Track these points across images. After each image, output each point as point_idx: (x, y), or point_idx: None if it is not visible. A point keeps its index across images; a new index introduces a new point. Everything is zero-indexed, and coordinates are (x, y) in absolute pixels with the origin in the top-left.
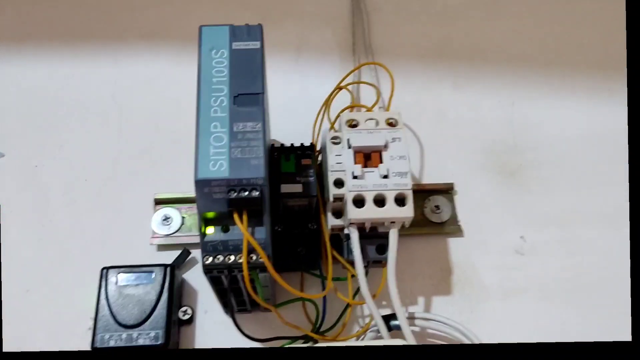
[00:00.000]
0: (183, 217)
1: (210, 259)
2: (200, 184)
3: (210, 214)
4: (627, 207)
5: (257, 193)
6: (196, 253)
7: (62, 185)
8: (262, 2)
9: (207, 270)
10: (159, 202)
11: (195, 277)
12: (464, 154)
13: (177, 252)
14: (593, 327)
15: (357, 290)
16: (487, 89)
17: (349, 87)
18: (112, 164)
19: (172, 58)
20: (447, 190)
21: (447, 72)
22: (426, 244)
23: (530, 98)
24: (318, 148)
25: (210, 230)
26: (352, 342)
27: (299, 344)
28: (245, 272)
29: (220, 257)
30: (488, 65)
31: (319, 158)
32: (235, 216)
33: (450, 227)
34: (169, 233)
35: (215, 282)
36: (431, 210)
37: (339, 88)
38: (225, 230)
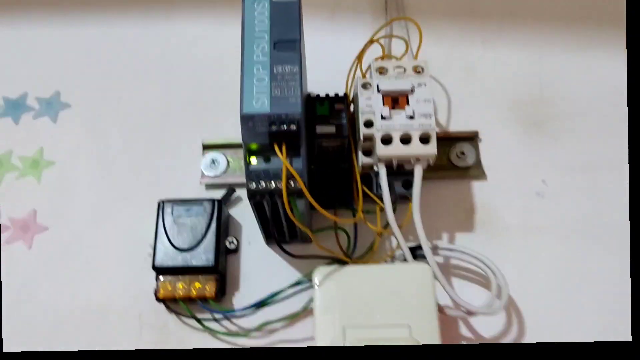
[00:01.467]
0: (228, 161)
1: (254, 184)
2: (245, 118)
3: (254, 146)
4: None
5: (295, 127)
6: (240, 192)
7: (121, 133)
8: None
9: (251, 195)
10: (206, 147)
11: (240, 213)
12: (490, 105)
13: (223, 191)
14: (610, 265)
15: (387, 225)
16: (515, 45)
17: (381, 40)
18: (164, 114)
19: (216, 19)
20: (472, 138)
21: (477, 29)
22: (452, 187)
23: (558, 53)
24: (351, 97)
25: (254, 160)
26: (382, 266)
27: (333, 266)
28: (285, 196)
29: (263, 184)
30: (517, 23)
31: (352, 107)
32: (276, 147)
33: (475, 171)
34: (216, 174)
35: (258, 209)
36: (456, 156)
37: (371, 41)
38: (267, 160)
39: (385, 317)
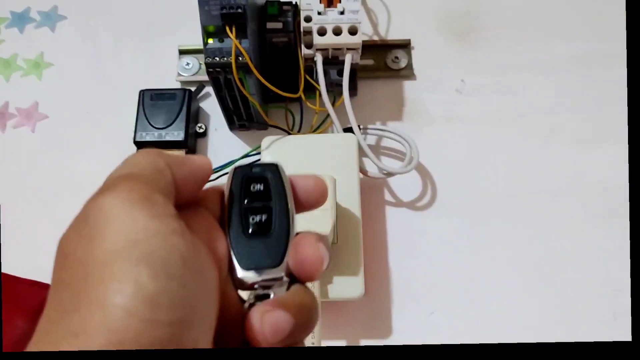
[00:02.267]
0: (200, 64)
1: (210, 59)
2: (202, 2)
3: (211, 28)
4: (562, 57)
5: (241, 10)
6: (208, 89)
7: (109, 40)
8: None
9: (209, 67)
10: (182, 52)
11: (208, 106)
12: (423, 18)
13: (195, 87)
14: (521, 148)
15: (324, 109)
16: None
17: None
18: (148, 24)
19: None
20: (405, 45)
21: None
22: (387, 85)
23: None
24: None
25: (210, 41)
26: (316, 135)
27: (277, 136)
28: (234, 69)
29: (217, 59)
30: None
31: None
32: (227, 28)
33: (406, 72)
34: (190, 75)
35: (216, 85)
36: (392, 60)
37: None
38: (221, 41)
39: (315, 172)
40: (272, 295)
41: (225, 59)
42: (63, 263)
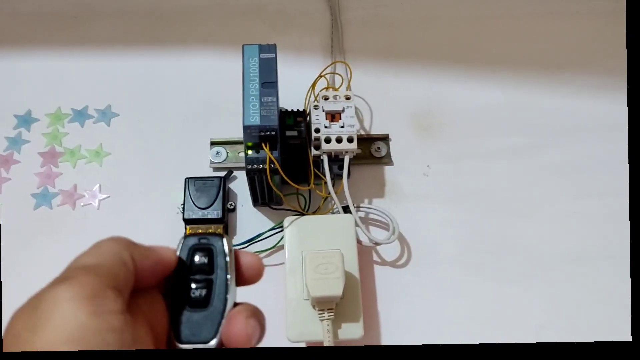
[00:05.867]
0: (227, 152)
1: (250, 166)
2: (246, 127)
3: (250, 144)
4: (501, 148)
5: (274, 133)
6: (236, 173)
7: (155, 134)
8: (272, 18)
9: (248, 172)
10: (213, 143)
11: (235, 186)
12: (397, 116)
13: (225, 172)
14: (473, 220)
15: (329, 193)
16: (417, 77)
17: (326, 76)
18: (185, 121)
19: (219, 55)
20: (384, 138)
21: (391, 66)
22: (371, 170)
23: (443, 82)
24: (308, 111)
25: (250, 152)
26: (324, 216)
27: (295, 217)
28: (268, 172)
29: (255, 166)
30: (417, 62)
31: (308, 117)
32: (263, 145)
33: (386, 159)
34: (220, 161)
35: (251, 182)
36: (375, 150)
37: (319, 76)
38: (257, 152)
39: (325, 245)
40: None
41: (261, 165)
42: (9, 342)
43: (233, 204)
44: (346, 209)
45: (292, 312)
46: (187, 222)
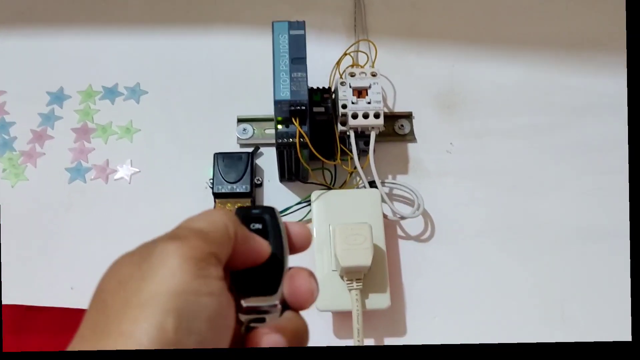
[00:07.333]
0: (254, 129)
1: (281, 140)
2: (277, 102)
3: (280, 118)
4: (522, 126)
5: (304, 107)
6: (262, 149)
7: (183, 111)
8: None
9: (278, 146)
10: (240, 120)
11: (262, 162)
12: (421, 95)
13: (251, 148)
14: (494, 196)
15: (355, 167)
16: (439, 56)
17: (351, 53)
18: (214, 100)
19: (246, 34)
20: (408, 116)
21: (414, 45)
22: (395, 147)
23: (466, 61)
24: (333, 89)
25: (280, 126)
26: (351, 190)
27: (322, 190)
28: (297, 146)
29: (285, 140)
30: (440, 41)
31: (333, 95)
32: (293, 119)
33: (409, 137)
34: (246, 138)
35: (280, 156)
36: (398, 127)
37: (344, 54)
38: (287, 127)
39: (352, 218)
40: (267, 320)
41: (291, 140)
42: (113, 286)
43: (260, 179)
44: (372, 184)
45: (321, 282)
46: (217, 195)
